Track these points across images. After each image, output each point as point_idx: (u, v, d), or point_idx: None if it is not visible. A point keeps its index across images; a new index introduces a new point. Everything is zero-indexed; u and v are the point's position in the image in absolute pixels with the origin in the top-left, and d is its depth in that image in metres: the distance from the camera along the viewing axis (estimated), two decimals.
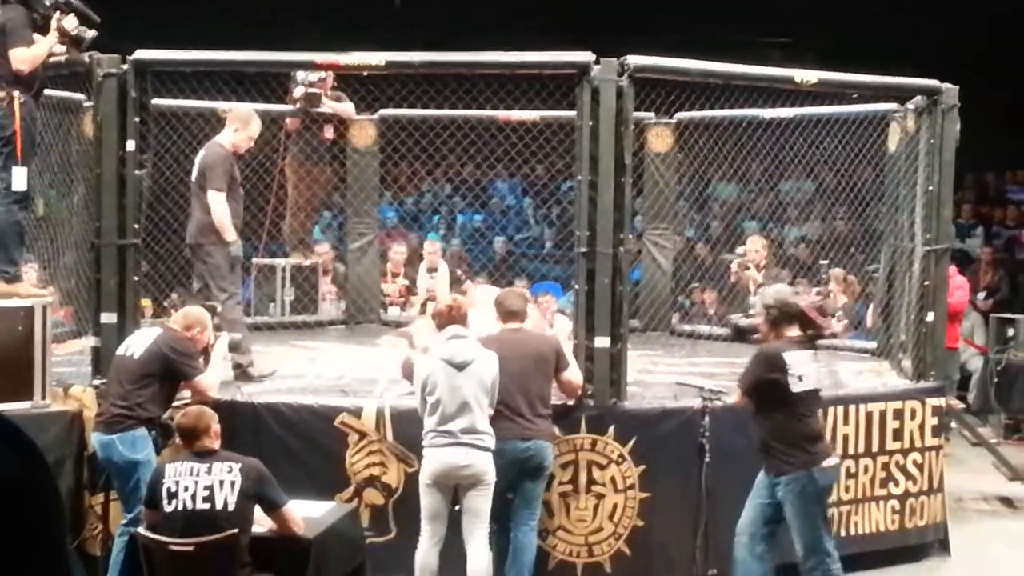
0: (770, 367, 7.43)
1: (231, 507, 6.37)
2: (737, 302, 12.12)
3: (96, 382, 8.39)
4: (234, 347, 8.66)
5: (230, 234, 8.89)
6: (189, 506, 6.37)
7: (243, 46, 8.98)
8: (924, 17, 17.62)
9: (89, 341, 8.89)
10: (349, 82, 11.80)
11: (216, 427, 6.62)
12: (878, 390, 9.56)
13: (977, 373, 14.69)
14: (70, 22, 8.37)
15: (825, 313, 7.62)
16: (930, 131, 9.78)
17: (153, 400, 7.62)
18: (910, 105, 10.21)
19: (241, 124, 9.14)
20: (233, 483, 6.40)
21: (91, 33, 8.48)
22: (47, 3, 8.35)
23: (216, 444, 6.59)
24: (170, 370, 7.69)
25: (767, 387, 7.42)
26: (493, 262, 13.64)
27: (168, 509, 6.40)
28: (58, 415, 8.19)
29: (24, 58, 8.23)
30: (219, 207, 8.83)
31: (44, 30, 8.36)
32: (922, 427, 9.42)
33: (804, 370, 7.39)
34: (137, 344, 7.79)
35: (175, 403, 7.72)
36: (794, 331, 7.52)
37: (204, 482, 6.40)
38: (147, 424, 7.56)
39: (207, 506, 6.36)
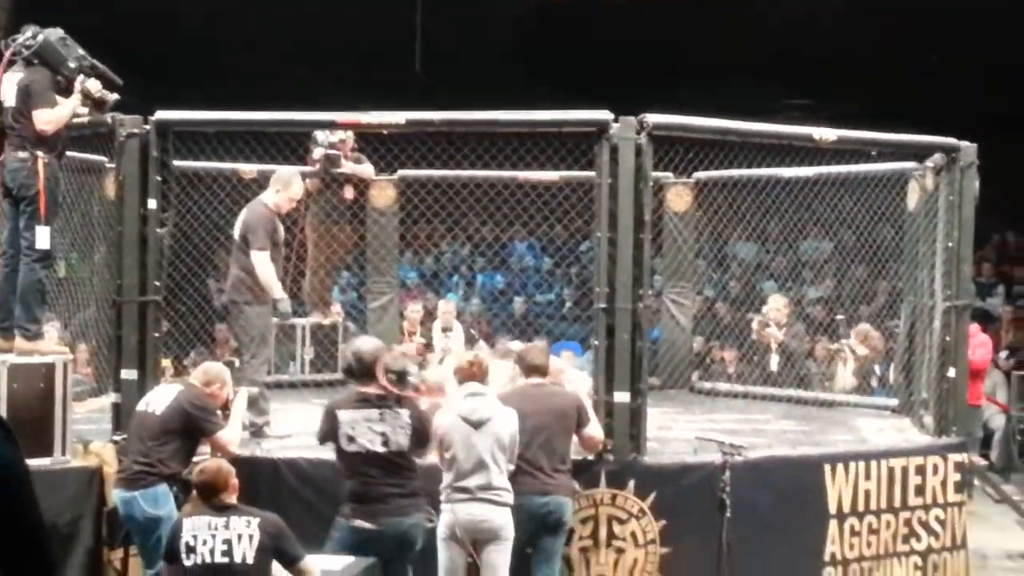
0: (327, 421, 7.30)
1: (249, 561, 6.36)
2: (757, 360, 12.10)
3: (116, 438, 8.40)
4: (250, 404, 8.63)
5: (278, 291, 8.94)
6: (207, 560, 6.37)
7: (264, 107, 9.07)
8: (949, 78, 17.68)
9: (109, 399, 8.90)
10: (369, 141, 11.86)
11: (234, 481, 6.63)
12: (900, 445, 9.50)
13: (1000, 431, 14.61)
14: (93, 84, 8.44)
15: (391, 371, 7.25)
16: (949, 188, 9.77)
17: (174, 456, 7.63)
18: (929, 163, 10.22)
19: (283, 185, 9.20)
20: (251, 537, 6.40)
21: (114, 96, 8.56)
22: (71, 65, 8.42)
23: (234, 498, 6.60)
24: (191, 426, 7.70)
25: (329, 441, 7.33)
26: (513, 320, 13.61)
27: (187, 563, 6.40)
28: (78, 471, 8.23)
29: (48, 119, 8.30)
30: (264, 266, 8.88)
31: (67, 92, 8.43)
32: (944, 483, 9.35)
33: (357, 430, 7.13)
34: (157, 400, 7.80)
35: (195, 459, 7.73)
36: (368, 387, 7.24)
37: (222, 536, 6.40)
38: (168, 480, 7.57)
39: (225, 560, 6.36)
